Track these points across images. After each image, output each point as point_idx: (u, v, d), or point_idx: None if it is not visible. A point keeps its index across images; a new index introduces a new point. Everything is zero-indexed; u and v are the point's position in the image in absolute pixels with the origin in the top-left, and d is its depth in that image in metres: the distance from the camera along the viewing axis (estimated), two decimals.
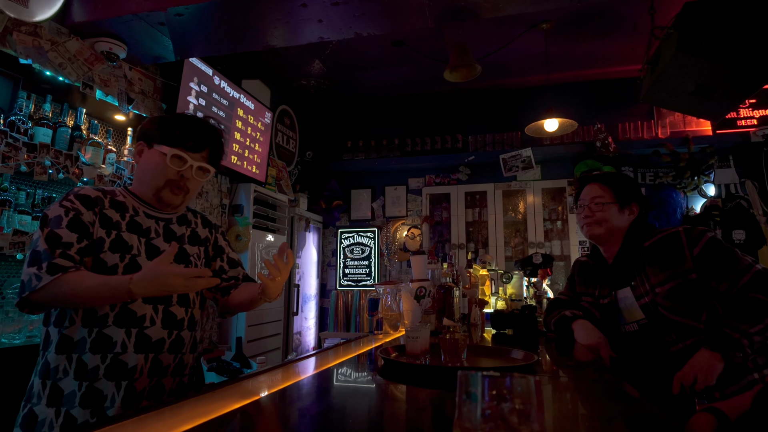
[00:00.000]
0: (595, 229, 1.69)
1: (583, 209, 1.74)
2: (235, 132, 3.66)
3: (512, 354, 1.27)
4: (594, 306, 1.79)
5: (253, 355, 3.66)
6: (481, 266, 3.23)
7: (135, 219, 1.29)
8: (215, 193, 3.64)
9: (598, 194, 1.71)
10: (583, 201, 1.75)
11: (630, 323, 1.65)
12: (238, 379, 1.10)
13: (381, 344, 1.73)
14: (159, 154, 1.29)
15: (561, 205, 4.84)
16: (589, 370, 1.30)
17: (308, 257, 4.78)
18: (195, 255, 1.41)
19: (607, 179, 1.74)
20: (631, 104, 4.50)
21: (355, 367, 1.32)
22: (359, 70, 4.38)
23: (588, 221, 1.72)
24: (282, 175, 4.39)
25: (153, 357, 1.24)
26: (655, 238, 1.63)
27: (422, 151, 4.93)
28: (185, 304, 1.35)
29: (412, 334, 1.18)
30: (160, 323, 1.26)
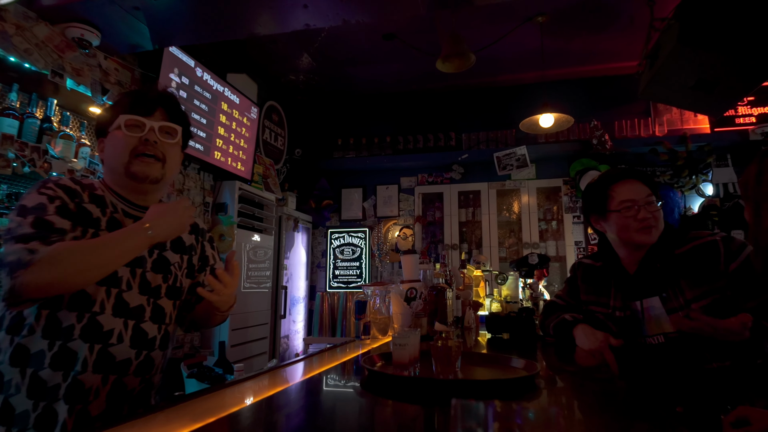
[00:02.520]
0: (654, 234, 1.50)
1: (638, 210, 1.51)
2: (219, 127, 3.50)
3: (511, 362, 1.14)
4: (609, 319, 1.61)
5: (237, 360, 3.50)
6: (475, 267, 3.11)
7: (114, 216, 1.15)
8: (198, 191, 3.48)
9: (649, 192, 1.52)
10: (636, 201, 1.50)
11: (654, 336, 1.50)
12: (197, 394, 0.95)
13: (368, 350, 1.59)
14: (114, 132, 1.18)
15: (556, 205, 4.73)
16: (598, 379, 1.17)
17: (297, 258, 4.62)
18: (176, 264, 1.27)
19: (644, 176, 1.56)
20: (628, 102, 4.41)
21: (337, 377, 1.18)
22: (350, 65, 4.24)
23: (648, 224, 1.50)
24: (269, 173, 4.24)
25: (115, 379, 1.09)
26: (689, 246, 1.48)
27: (414, 150, 4.80)
28: (159, 320, 1.20)
29: (399, 340, 1.04)
30: (129, 341, 1.12)
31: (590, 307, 1.70)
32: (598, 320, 1.65)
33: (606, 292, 1.64)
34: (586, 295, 1.72)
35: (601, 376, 1.20)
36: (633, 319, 1.54)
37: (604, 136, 4.09)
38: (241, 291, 3.66)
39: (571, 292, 1.86)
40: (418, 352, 1.15)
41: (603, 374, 1.22)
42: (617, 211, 1.54)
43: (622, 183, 1.56)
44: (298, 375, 1.20)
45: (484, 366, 1.18)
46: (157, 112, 1.21)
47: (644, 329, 1.52)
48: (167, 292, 1.23)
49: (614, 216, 1.55)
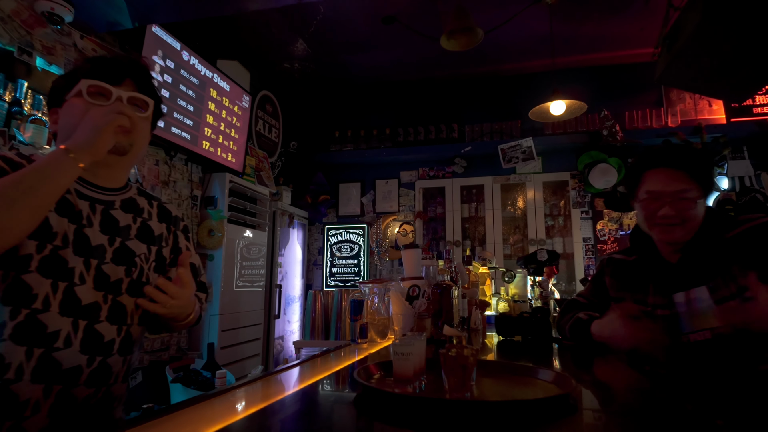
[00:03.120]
0: (678, 232, 1.31)
1: (660, 204, 1.31)
2: (207, 115, 3.29)
3: (538, 374, 0.93)
4: (649, 318, 1.40)
5: (228, 363, 3.30)
6: (480, 264, 2.90)
7: (66, 197, 0.96)
8: (185, 183, 3.27)
9: (685, 187, 1.30)
10: (662, 194, 1.31)
11: (699, 331, 1.30)
12: (152, 414, 0.75)
13: (365, 356, 1.39)
14: (73, 100, 1.00)
15: (563, 200, 4.53)
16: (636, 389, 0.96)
17: (292, 255, 4.42)
18: (142, 256, 1.08)
19: (687, 163, 1.32)
20: (639, 91, 4.21)
21: (326, 392, 0.97)
22: (347, 51, 4.03)
23: (670, 222, 1.31)
24: (263, 166, 4.03)
25: (61, 390, 0.90)
26: (741, 228, 1.29)
27: (415, 142, 4.59)
28: (119, 320, 1.01)
29: (401, 349, 0.84)
30: (79, 345, 0.93)
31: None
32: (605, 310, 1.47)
33: (643, 288, 1.45)
34: (618, 292, 1.53)
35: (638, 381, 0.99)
36: (675, 316, 1.35)
37: (615, 127, 3.89)
38: (233, 290, 3.45)
39: (595, 291, 1.66)
40: (425, 361, 0.95)
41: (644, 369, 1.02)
42: (640, 201, 1.38)
43: (656, 171, 1.35)
44: (280, 389, 1.00)
45: (504, 378, 0.97)
46: (126, 81, 1.05)
47: (687, 325, 1.32)
48: (130, 288, 1.05)
49: (638, 204, 1.39)
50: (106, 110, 0.95)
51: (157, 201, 1.23)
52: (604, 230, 4.31)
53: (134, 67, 1.09)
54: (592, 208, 4.35)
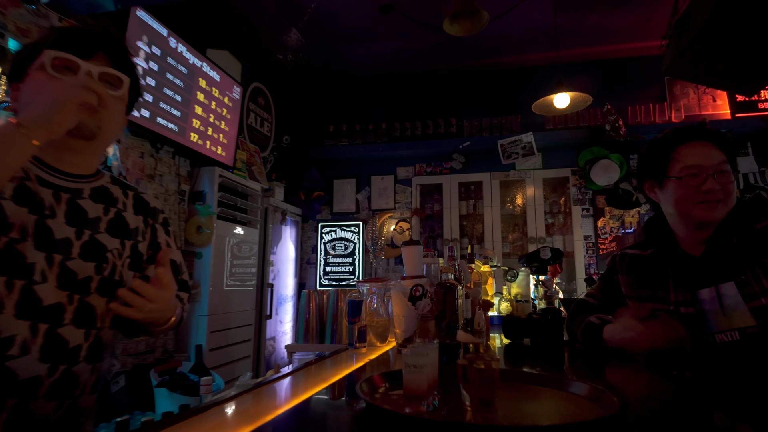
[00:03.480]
0: (721, 210, 1.21)
1: (704, 180, 1.21)
2: (196, 106, 3.14)
3: (570, 387, 0.80)
4: (672, 315, 1.28)
5: (217, 366, 3.15)
6: (482, 262, 2.78)
7: (25, 184, 0.84)
8: (172, 177, 3.11)
9: (723, 159, 1.22)
10: (704, 168, 1.21)
11: (726, 331, 1.19)
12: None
13: (364, 363, 1.25)
14: (36, 73, 0.88)
15: (564, 197, 4.43)
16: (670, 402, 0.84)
17: (284, 253, 4.27)
18: (114, 251, 0.96)
19: (721, 138, 1.26)
20: (642, 86, 4.11)
21: (323, 409, 0.84)
22: (342, 42, 3.89)
23: (715, 197, 1.20)
24: (254, 161, 3.88)
25: (16, 405, 0.78)
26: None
27: (412, 137, 4.46)
28: (86, 323, 0.89)
29: (413, 360, 0.71)
30: (38, 353, 0.81)
31: (644, 305, 1.39)
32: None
33: (663, 285, 1.33)
34: (636, 290, 1.41)
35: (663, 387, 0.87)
36: (701, 314, 1.23)
37: (618, 122, 3.78)
38: (223, 289, 3.30)
39: (606, 289, 1.54)
40: (437, 373, 0.81)
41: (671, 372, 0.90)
42: (678, 178, 1.25)
43: (691, 145, 1.26)
44: (269, 406, 0.86)
45: (530, 389, 0.84)
46: (98, 55, 0.93)
47: (714, 324, 1.21)
48: (100, 287, 0.93)
49: (673, 184, 1.26)
50: (71, 84, 0.82)
51: (133, 191, 1.10)
52: (606, 228, 4.21)
53: (108, 39, 0.97)
54: (593, 205, 4.25)
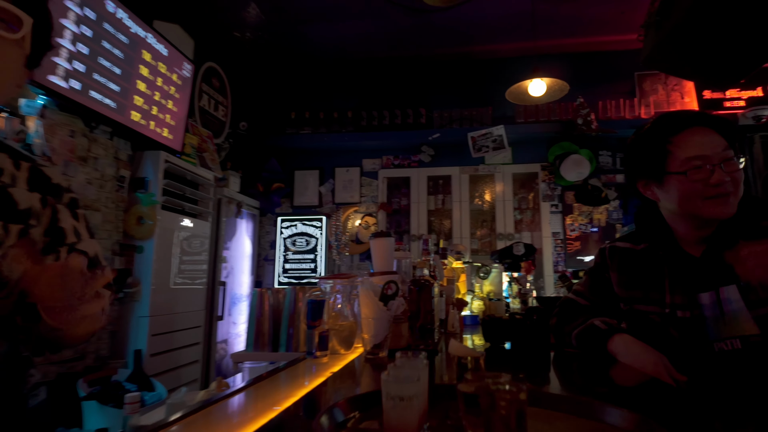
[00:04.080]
0: (732, 205, 1.05)
1: (711, 171, 1.04)
2: (138, 81, 2.78)
3: (605, 415, 0.60)
4: (668, 321, 1.14)
5: (160, 373, 2.81)
6: (455, 258, 2.60)
7: None
8: (110, 161, 2.75)
9: (726, 145, 1.05)
10: (709, 158, 1.04)
11: (727, 339, 1.04)
12: None
13: (326, 379, 1.01)
14: None
15: (533, 193, 4.34)
16: None
17: (239, 249, 3.94)
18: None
19: (719, 122, 1.09)
20: (613, 80, 4.07)
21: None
22: (307, 21, 3.60)
23: (725, 190, 1.04)
24: (206, 147, 3.54)
25: None
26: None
27: (380, 127, 4.23)
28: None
29: (399, 390, 0.48)
30: None
31: (637, 307, 1.22)
32: (651, 324, 1.17)
33: (658, 285, 1.17)
34: (628, 290, 1.24)
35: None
36: (700, 320, 1.07)
37: (590, 116, 3.70)
38: (169, 288, 2.96)
39: (595, 287, 1.36)
40: (428, 401, 0.59)
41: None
42: (681, 173, 1.06)
43: (689, 132, 1.08)
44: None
45: (550, 417, 0.63)
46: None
47: (712, 331, 1.06)
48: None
49: (676, 180, 1.08)
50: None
51: (30, 162, 0.83)
52: (574, 225, 4.15)
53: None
54: (562, 201, 4.17)
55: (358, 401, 0.66)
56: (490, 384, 0.47)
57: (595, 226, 4.09)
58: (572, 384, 1.09)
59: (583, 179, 4.02)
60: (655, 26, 2.57)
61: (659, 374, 1.01)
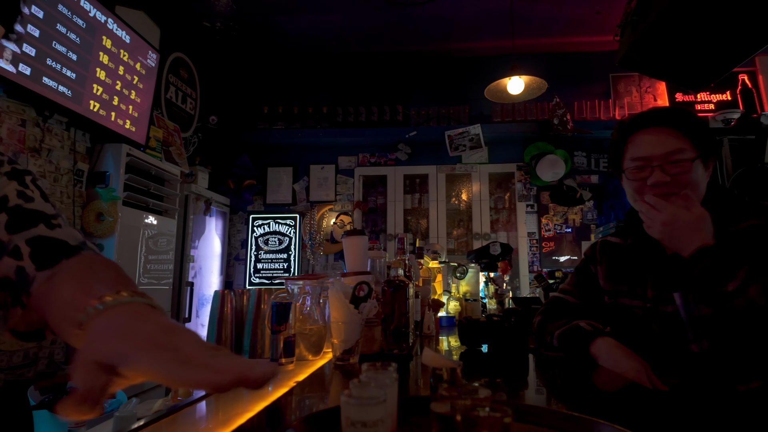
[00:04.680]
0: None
1: (650, 172, 1.06)
2: (97, 69, 2.62)
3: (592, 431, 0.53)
4: (650, 316, 1.11)
5: None
6: (431, 257, 2.53)
7: None
8: (65, 153, 2.57)
9: (676, 146, 1.04)
10: (650, 159, 1.06)
11: (696, 340, 1.01)
12: None
13: (290, 389, 0.93)
14: None
15: (509, 193, 4.32)
16: None
17: (208, 248, 3.79)
18: None
19: (678, 119, 1.07)
20: (588, 82, 4.09)
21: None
22: (280, 11, 3.47)
23: (666, 191, 1.04)
24: (173, 141, 3.38)
25: None
26: (746, 224, 1.01)
27: (356, 123, 4.13)
28: None
29: (361, 414, 0.40)
30: None
31: (621, 300, 1.21)
32: (634, 317, 1.16)
33: (641, 281, 1.16)
34: (615, 284, 1.23)
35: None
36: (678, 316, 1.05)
37: (566, 116, 3.71)
38: None
39: (581, 283, 1.35)
40: (396, 422, 0.51)
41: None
42: (625, 172, 1.13)
43: (643, 132, 1.10)
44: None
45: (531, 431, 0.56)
46: None
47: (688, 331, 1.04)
48: None
49: (625, 178, 1.14)
50: None
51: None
52: (549, 225, 4.15)
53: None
54: (537, 201, 4.17)
55: (319, 419, 0.58)
56: (468, 405, 0.40)
57: (570, 226, 4.11)
58: (553, 389, 1.03)
59: (559, 179, 4.03)
60: (631, 26, 2.57)
61: (640, 381, 0.98)
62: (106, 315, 0.45)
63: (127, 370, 0.40)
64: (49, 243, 0.61)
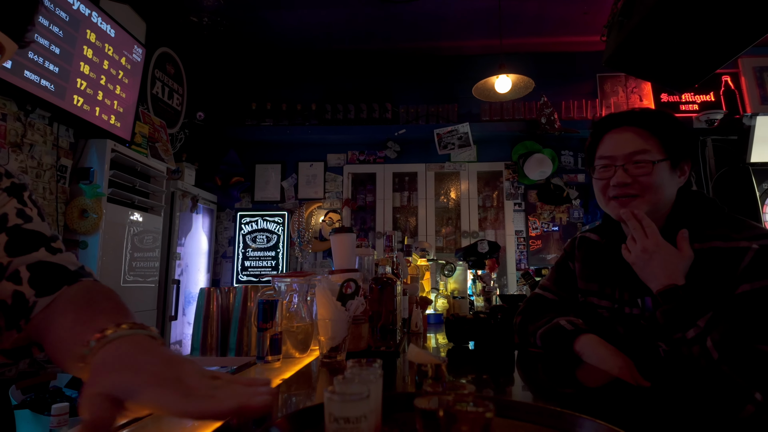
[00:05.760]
0: (641, 207, 1.05)
1: (614, 171, 1.07)
2: (81, 63, 2.57)
3: (579, 428, 0.54)
4: (616, 317, 1.13)
5: None
6: (419, 255, 2.54)
7: None
8: (48, 148, 2.53)
9: (640, 146, 1.04)
10: (613, 158, 1.07)
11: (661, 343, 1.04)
12: None
13: (277, 384, 0.92)
14: None
15: (497, 191, 4.35)
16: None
17: (195, 246, 3.75)
18: None
19: (649, 120, 1.07)
20: (576, 81, 4.13)
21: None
22: (268, 7, 3.44)
23: (623, 192, 1.06)
24: (159, 137, 3.34)
25: None
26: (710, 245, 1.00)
27: (345, 120, 4.12)
28: None
29: (344, 410, 0.40)
30: None
31: (590, 299, 1.22)
32: (600, 319, 1.17)
33: (611, 281, 1.16)
34: (587, 282, 1.24)
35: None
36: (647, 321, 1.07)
37: (554, 115, 3.74)
38: (119, 286, 2.77)
39: (560, 279, 1.36)
40: (381, 416, 0.52)
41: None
42: (594, 171, 1.14)
43: (613, 132, 1.10)
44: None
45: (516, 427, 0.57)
46: None
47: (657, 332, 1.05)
48: None
49: (593, 177, 1.15)
50: None
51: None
52: (536, 223, 4.19)
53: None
54: (525, 200, 4.20)
55: (302, 417, 0.58)
56: (452, 401, 0.40)
57: (557, 225, 4.15)
58: (537, 385, 1.04)
59: (546, 178, 4.07)
60: (617, 26, 2.60)
61: (625, 378, 0.99)
62: (109, 348, 0.47)
63: (133, 403, 0.41)
64: (50, 268, 0.63)
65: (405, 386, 0.98)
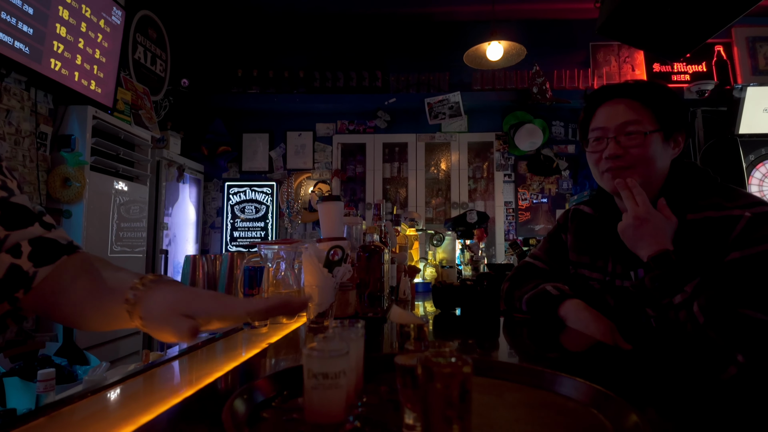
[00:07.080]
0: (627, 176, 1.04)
1: (606, 143, 1.06)
2: (58, 25, 2.46)
3: (558, 386, 0.55)
4: (606, 288, 1.14)
5: (95, 345, 2.63)
6: (408, 225, 2.54)
7: None
8: (26, 114, 2.45)
9: (632, 117, 1.03)
10: (605, 130, 1.06)
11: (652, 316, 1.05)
12: None
13: (264, 349, 0.93)
14: None
15: (487, 162, 4.34)
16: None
17: (182, 216, 3.72)
18: None
19: (641, 91, 1.06)
20: (568, 50, 4.07)
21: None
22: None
23: (615, 164, 1.05)
24: (142, 104, 3.24)
25: None
26: (703, 215, 1.00)
27: (334, 89, 4.04)
28: None
29: (322, 366, 0.40)
30: None
31: (581, 271, 1.23)
32: (591, 290, 1.18)
33: (604, 253, 1.17)
34: (579, 254, 1.24)
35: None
36: (637, 290, 1.07)
37: (545, 84, 3.69)
38: (106, 255, 2.74)
39: (552, 250, 1.36)
40: (362, 376, 0.52)
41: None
42: (588, 144, 1.14)
43: (607, 104, 1.09)
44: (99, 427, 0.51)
45: (497, 387, 0.58)
46: None
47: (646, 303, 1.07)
48: None
49: (587, 150, 1.14)
50: None
51: None
52: (526, 195, 4.20)
53: None
54: (515, 171, 4.20)
55: (284, 377, 0.58)
56: (430, 356, 0.40)
57: (546, 196, 4.16)
58: (522, 350, 1.06)
59: (536, 149, 4.06)
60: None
61: (607, 341, 1.01)
62: (158, 288, 0.55)
63: (205, 318, 0.51)
64: (48, 243, 0.65)
65: (392, 351, 1.00)
